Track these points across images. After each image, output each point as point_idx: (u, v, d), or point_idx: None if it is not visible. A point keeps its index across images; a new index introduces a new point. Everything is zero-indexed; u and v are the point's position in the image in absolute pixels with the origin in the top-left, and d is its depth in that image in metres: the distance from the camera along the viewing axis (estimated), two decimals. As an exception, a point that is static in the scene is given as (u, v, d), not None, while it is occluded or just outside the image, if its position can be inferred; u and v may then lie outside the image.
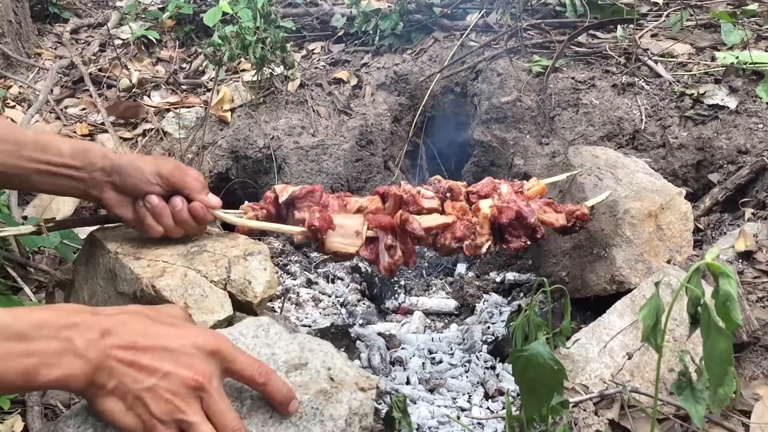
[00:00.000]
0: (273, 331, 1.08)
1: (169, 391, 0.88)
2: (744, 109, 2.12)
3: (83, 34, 3.28)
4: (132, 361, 0.88)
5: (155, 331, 0.92)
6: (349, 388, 1.00)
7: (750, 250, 1.74)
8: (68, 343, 0.84)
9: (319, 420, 0.96)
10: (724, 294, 0.80)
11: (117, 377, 0.87)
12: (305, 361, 1.03)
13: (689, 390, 0.90)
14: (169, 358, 0.90)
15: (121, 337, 0.88)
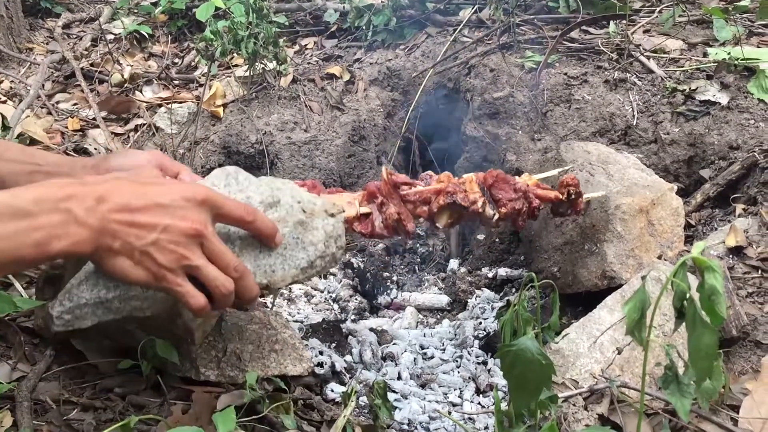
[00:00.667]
0: (241, 177, 1.15)
1: (171, 241, 0.95)
2: (735, 105, 2.12)
3: (75, 29, 3.27)
4: (131, 221, 0.93)
5: (144, 190, 0.97)
6: (320, 216, 1.12)
7: (740, 245, 1.75)
8: (68, 214, 0.89)
9: (302, 247, 1.08)
10: (709, 288, 0.80)
11: (121, 237, 0.93)
12: (277, 199, 1.12)
13: (675, 384, 0.90)
14: (164, 212, 0.96)
15: (115, 201, 0.93)
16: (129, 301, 1.04)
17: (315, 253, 1.09)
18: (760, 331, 1.52)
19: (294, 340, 1.45)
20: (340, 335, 1.84)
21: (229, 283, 1.00)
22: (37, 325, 1.45)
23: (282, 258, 1.07)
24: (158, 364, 1.27)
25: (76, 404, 1.29)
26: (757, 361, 1.45)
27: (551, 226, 1.92)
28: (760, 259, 1.70)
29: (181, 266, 0.96)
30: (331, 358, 1.68)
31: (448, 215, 1.53)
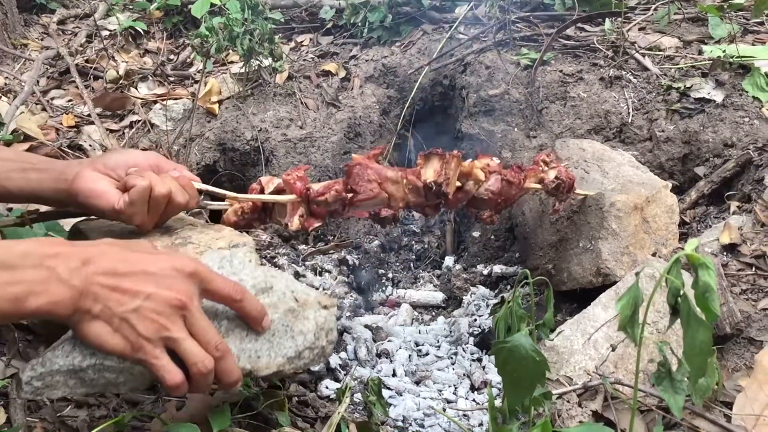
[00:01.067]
0: (236, 261, 1.13)
1: (153, 311, 0.91)
2: (730, 102, 2.13)
3: (70, 25, 3.26)
4: (115, 285, 0.91)
5: (134, 257, 0.95)
6: (312, 307, 1.08)
7: (734, 242, 1.75)
8: (52, 272, 0.87)
9: (291, 335, 1.04)
10: (703, 285, 0.80)
11: (101, 301, 0.90)
12: (270, 285, 1.09)
13: (668, 381, 0.90)
14: (150, 280, 0.93)
15: (102, 265, 0.91)
16: (103, 372, 0.96)
17: (304, 343, 1.05)
18: (754, 328, 1.53)
19: (289, 337, 1.44)
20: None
21: (209, 362, 0.94)
22: (31, 321, 1.45)
23: (269, 344, 1.03)
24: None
25: (70, 401, 1.29)
26: (750, 358, 1.46)
27: (546, 223, 1.93)
28: (754, 257, 1.71)
29: (160, 337, 0.92)
30: (325, 355, 1.68)
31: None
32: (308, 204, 1.42)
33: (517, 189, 1.60)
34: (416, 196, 1.53)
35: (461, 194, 1.56)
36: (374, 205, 1.48)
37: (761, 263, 1.69)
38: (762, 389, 1.26)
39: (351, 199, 1.43)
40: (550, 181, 1.64)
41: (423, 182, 1.50)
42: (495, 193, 1.56)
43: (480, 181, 1.56)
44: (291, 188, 1.41)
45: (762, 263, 1.69)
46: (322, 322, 1.07)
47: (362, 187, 1.43)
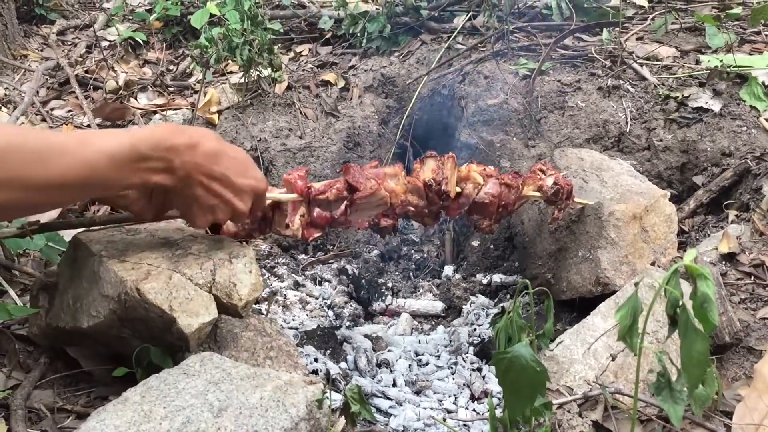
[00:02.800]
0: (216, 357, 1.18)
1: (220, 210, 1.25)
2: (728, 111, 2.14)
3: (70, 36, 3.27)
4: (207, 184, 1.21)
5: (224, 163, 1.23)
6: (299, 384, 1.13)
7: (733, 251, 1.76)
8: (170, 163, 1.16)
9: (284, 409, 1.07)
10: (701, 296, 0.81)
11: (197, 190, 1.20)
12: (254, 372, 1.15)
13: (668, 391, 0.91)
14: (229, 188, 1.23)
15: (203, 161, 1.19)
16: None
17: (298, 414, 1.07)
18: (753, 338, 1.53)
19: (289, 347, 1.45)
20: (335, 342, 1.84)
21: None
22: (31, 332, 1.45)
23: (264, 419, 1.05)
24: (153, 371, 1.27)
25: (71, 412, 1.29)
26: (749, 368, 1.46)
27: (545, 232, 1.93)
28: (752, 266, 1.71)
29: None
30: (326, 365, 1.68)
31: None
32: (309, 203, 1.43)
33: (515, 193, 1.60)
34: (418, 198, 1.53)
35: (462, 199, 1.57)
36: (376, 205, 1.49)
37: (760, 272, 1.70)
38: (761, 399, 1.26)
39: (352, 198, 1.44)
40: (549, 187, 1.64)
41: (423, 182, 1.51)
42: (495, 196, 1.57)
43: (478, 184, 1.57)
44: (292, 187, 1.42)
45: (761, 272, 1.70)
46: (312, 395, 1.11)
47: (362, 184, 1.44)
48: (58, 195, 1.10)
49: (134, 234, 1.42)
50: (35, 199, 1.06)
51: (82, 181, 1.08)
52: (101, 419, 1.00)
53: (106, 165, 1.09)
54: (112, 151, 1.09)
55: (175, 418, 1.01)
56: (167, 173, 1.16)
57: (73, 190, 1.11)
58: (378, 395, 1.63)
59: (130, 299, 1.22)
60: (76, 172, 1.06)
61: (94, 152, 1.08)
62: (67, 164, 1.05)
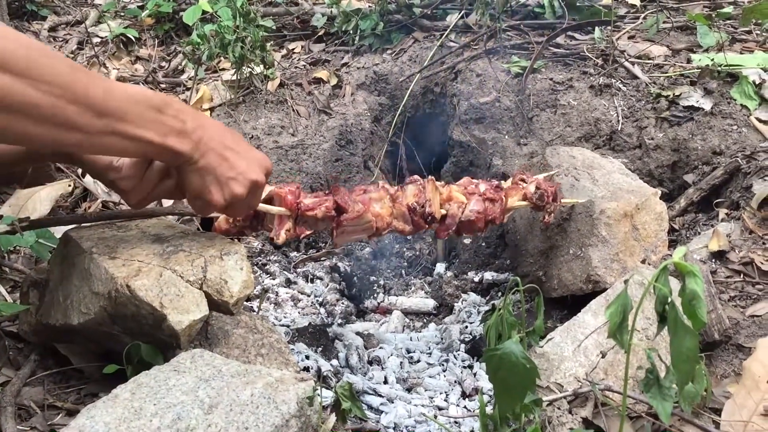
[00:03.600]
0: (207, 354, 1.18)
1: (237, 185, 1.22)
2: (719, 110, 2.15)
3: (61, 32, 3.25)
4: (221, 153, 1.20)
5: (235, 137, 1.26)
6: (290, 381, 1.12)
7: (723, 249, 1.77)
8: (184, 125, 1.14)
9: (274, 406, 1.06)
10: (690, 293, 0.81)
11: (210, 160, 1.19)
12: (245, 369, 1.14)
13: (657, 387, 0.91)
14: (242, 163, 1.23)
15: (214, 132, 1.21)
16: None
17: (289, 411, 1.07)
18: (742, 335, 1.54)
19: (280, 345, 1.45)
20: (327, 339, 1.84)
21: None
22: (21, 329, 1.45)
23: (255, 416, 1.05)
24: (143, 368, 1.27)
25: (61, 409, 1.29)
26: (739, 365, 1.47)
27: (536, 230, 1.93)
28: (742, 264, 1.72)
29: (232, 203, 1.25)
30: (317, 363, 1.68)
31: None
32: (296, 219, 1.44)
33: (500, 206, 1.62)
34: (404, 223, 1.55)
35: (449, 220, 1.59)
36: (362, 228, 1.50)
37: (749, 270, 1.71)
38: (750, 396, 1.27)
39: (339, 220, 1.45)
40: (532, 194, 1.65)
41: (406, 206, 1.52)
42: (480, 212, 1.59)
43: (462, 203, 1.59)
44: (282, 201, 1.42)
45: (750, 270, 1.71)
46: (303, 392, 1.11)
47: (350, 206, 1.45)
48: (90, 121, 1.04)
49: (125, 231, 1.42)
50: (77, 120, 1.02)
51: (115, 111, 1.06)
52: (91, 416, 1.00)
53: (131, 104, 1.08)
54: (134, 92, 1.09)
55: (165, 414, 1.01)
56: (181, 137, 1.14)
57: (107, 120, 1.06)
58: (369, 392, 1.64)
59: (121, 296, 1.22)
60: (113, 102, 1.05)
61: (122, 90, 1.08)
62: (108, 87, 1.06)
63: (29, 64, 0.96)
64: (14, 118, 0.97)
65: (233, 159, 1.21)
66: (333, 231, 1.47)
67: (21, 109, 0.96)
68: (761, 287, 1.66)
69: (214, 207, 1.24)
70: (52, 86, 0.98)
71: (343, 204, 1.45)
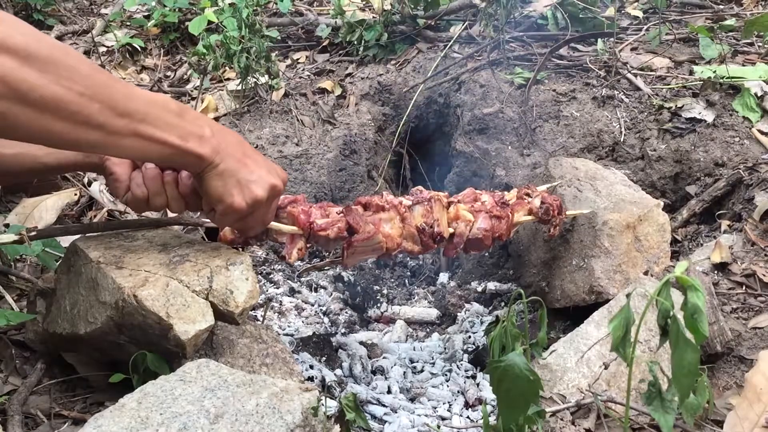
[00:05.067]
0: (212, 364, 1.18)
1: (258, 187, 1.24)
2: (721, 122, 2.16)
3: (68, 41, 3.27)
4: (240, 158, 1.22)
5: (250, 148, 1.29)
6: (295, 391, 1.13)
7: (725, 261, 1.78)
8: (203, 129, 1.17)
9: (279, 416, 1.07)
10: (692, 306, 0.82)
11: (229, 164, 1.20)
12: (250, 378, 1.15)
13: (659, 400, 0.92)
14: (262, 165, 1.26)
15: (232, 139, 1.24)
16: None
17: (294, 421, 1.08)
18: (744, 347, 1.55)
19: (284, 354, 1.46)
20: (330, 349, 1.85)
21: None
22: (28, 338, 1.46)
23: (260, 426, 1.06)
24: (149, 377, 1.28)
25: (67, 418, 1.30)
26: (741, 377, 1.47)
27: (540, 241, 1.94)
28: (744, 275, 1.73)
29: (253, 209, 1.27)
30: (321, 372, 1.69)
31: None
32: (308, 238, 1.45)
33: (506, 222, 1.63)
34: (413, 244, 1.56)
35: (456, 239, 1.60)
36: (372, 249, 1.52)
37: (752, 282, 1.71)
38: (752, 408, 1.27)
39: (350, 241, 1.46)
40: (538, 208, 1.67)
41: (415, 227, 1.53)
42: (488, 230, 1.60)
43: (469, 221, 1.60)
44: (295, 221, 1.43)
45: (752, 282, 1.71)
46: (307, 402, 1.11)
47: (361, 227, 1.47)
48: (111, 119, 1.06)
49: (131, 240, 1.43)
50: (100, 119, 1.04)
51: (136, 112, 1.08)
52: (98, 425, 1.01)
53: (152, 106, 1.10)
54: (155, 96, 1.13)
55: (171, 424, 1.02)
56: (202, 141, 1.16)
57: (129, 120, 1.08)
58: (373, 402, 1.64)
59: (128, 306, 1.23)
60: (135, 103, 1.08)
61: (142, 93, 1.11)
62: (129, 88, 1.09)
63: (54, 60, 0.98)
64: (38, 112, 0.98)
65: (252, 164, 1.23)
66: (344, 251, 1.48)
67: (45, 104, 0.98)
68: (763, 299, 1.67)
69: (236, 211, 1.24)
70: (76, 83, 1.00)
71: (355, 225, 1.46)
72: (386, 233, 1.52)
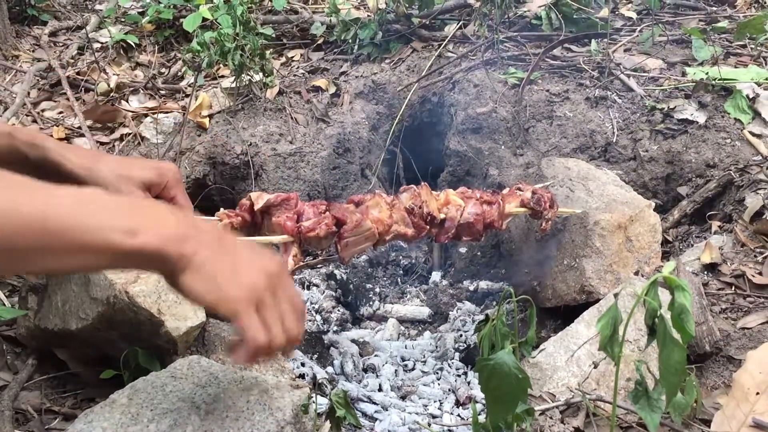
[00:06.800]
0: (204, 361, 1.18)
1: (251, 272, 0.94)
2: (712, 124, 2.17)
3: (62, 37, 3.27)
4: (218, 242, 0.93)
5: (231, 238, 1.00)
6: (285, 388, 1.13)
7: (715, 262, 1.79)
8: (162, 214, 0.89)
9: (270, 413, 1.07)
10: (679, 306, 0.83)
11: (205, 250, 0.90)
12: (241, 375, 1.15)
13: (645, 399, 0.93)
14: (247, 251, 0.97)
15: (204, 228, 0.94)
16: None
17: (284, 418, 1.08)
18: (733, 347, 1.56)
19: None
20: (322, 346, 1.86)
21: (282, 339, 0.95)
22: (19, 334, 1.46)
23: (250, 423, 1.06)
24: (140, 374, 1.28)
25: (58, 413, 1.30)
26: (729, 376, 1.49)
27: (531, 240, 1.95)
28: (733, 276, 1.74)
29: (255, 297, 0.93)
30: (312, 370, 1.70)
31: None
32: (300, 243, 1.45)
33: (497, 209, 1.63)
34: (405, 227, 1.56)
35: (448, 223, 1.60)
36: (365, 237, 1.52)
37: (741, 283, 1.73)
38: (740, 407, 1.28)
39: (340, 233, 1.47)
40: (529, 199, 1.67)
41: (404, 209, 1.54)
42: (479, 215, 1.60)
43: (459, 206, 1.60)
44: (282, 229, 1.43)
45: (741, 283, 1.73)
46: (298, 399, 1.12)
47: (347, 217, 1.47)
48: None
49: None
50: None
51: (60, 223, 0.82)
52: (89, 421, 1.02)
53: (81, 207, 0.84)
54: (81, 195, 0.86)
55: (162, 420, 1.02)
56: (159, 234, 0.87)
57: None
58: (364, 400, 1.65)
59: (119, 302, 1.23)
60: None
61: (65, 193, 0.85)
62: (45, 200, 0.83)
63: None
64: None
65: (233, 248, 0.96)
66: (337, 245, 1.48)
67: None
68: (752, 300, 1.68)
69: (238, 304, 0.93)
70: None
71: (341, 217, 1.46)
72: (375, 218, 1.52)
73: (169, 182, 1.30)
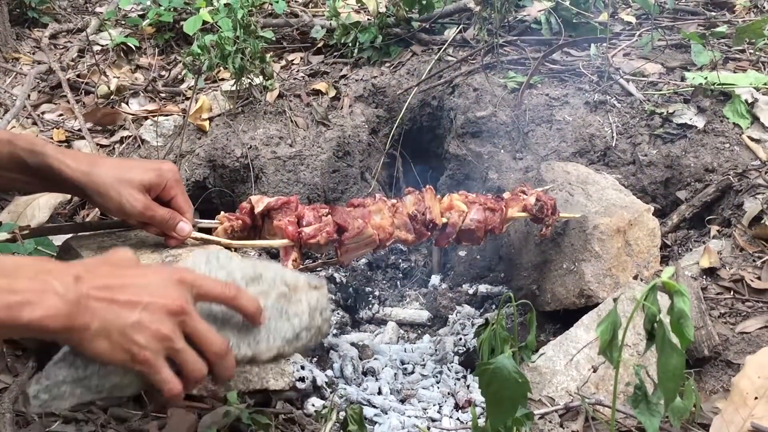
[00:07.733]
0: (223, 256, 1.13)
1: (152, 321, 0.91)
2: (711, 128, 2.17)
3: (62, 40, 3.27)
4: (111, 298, 0.90)
5: (123, 271, 0.96)
6: (303, 290, 1.11)
7: (714, 266, 1.79)
8: (47, 284, 0.85)
9: (286, 318, 1.07)
10: (678, 311, 0.83)
11: (99, 316, 0.88)
12: (259, 274, 1.10)
13: (645, 403, 0.93)
14: (144, 291, 0.92)
15: (93, 280, 0.90)
16: (108, 376, 0.97)
17: (300, 324, 1.08)
18: (732, 351, 1.56)
19: (276, 355, 1.46)
20: (322, 350, 1.86)
21: (205, 370, 0.97)
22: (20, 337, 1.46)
23: (266, 329, 1.06)
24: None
25: (58, 416, 1.30)
26: (728, 381, 1.49)
27: (531, 244, 1.96)
28: (732, 281, 1.75)
29: (161, 348, 0.92)
30: (312, 373, 1.70)
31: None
32: (300, 247, 1.46)
33: (500, 216, 1.64)
34: (406, 232, 1.57)
35: (449, 228, 1.61)
36: (365, 243, 1.52)
37: (740, 287, 1.73)
38: (738, 412, 1.29)
39: (341, 240, 1.47)
40: (532, 205, 1.68)
41: (407, 214, 1.54)
42: (481, 222, 1.61)
43: (462, 211, 1.61)
44: (283, 233, 1.44)
45: (740, 287, 1.73)
46: (315, 303, 1.10)
47: (349, 223, 1.47)
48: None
49: (125, 239, 1.43)
50: None
51: None
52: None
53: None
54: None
55: None
56: (42, 305, 0.85)
57: None
58: (363, 403, 1.65)
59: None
60: None
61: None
62: None
63: None
64: None
65: (131, 292, 0.92)
66: (337, 251, 1.48)
67: None
68: (751, 304, 1.69)
69: (150, 365, 0.93)
70: None
71: (342, 223, 1.47)
72: (377, 224, 1.53)
73: (169, 183, 1.33)
